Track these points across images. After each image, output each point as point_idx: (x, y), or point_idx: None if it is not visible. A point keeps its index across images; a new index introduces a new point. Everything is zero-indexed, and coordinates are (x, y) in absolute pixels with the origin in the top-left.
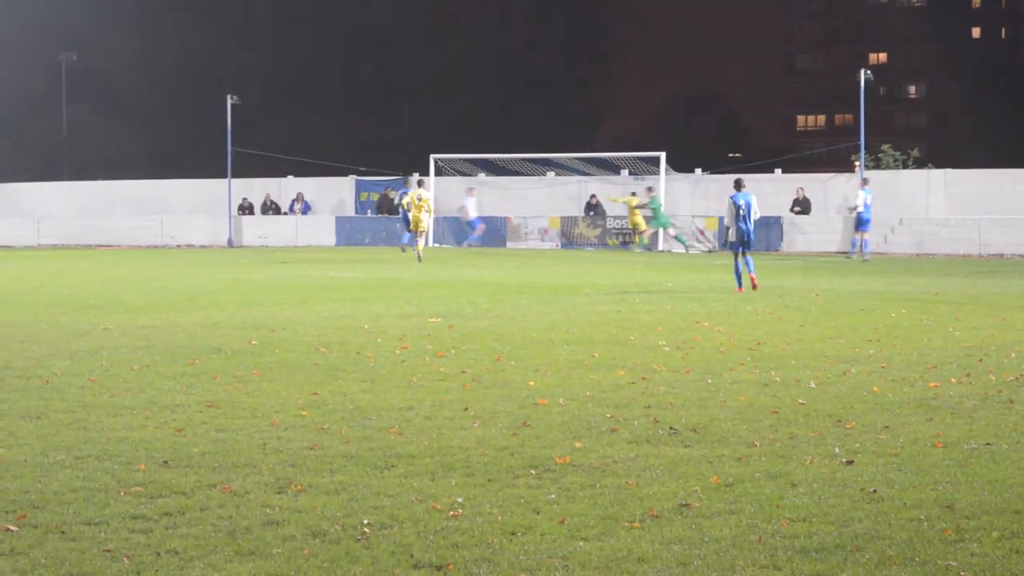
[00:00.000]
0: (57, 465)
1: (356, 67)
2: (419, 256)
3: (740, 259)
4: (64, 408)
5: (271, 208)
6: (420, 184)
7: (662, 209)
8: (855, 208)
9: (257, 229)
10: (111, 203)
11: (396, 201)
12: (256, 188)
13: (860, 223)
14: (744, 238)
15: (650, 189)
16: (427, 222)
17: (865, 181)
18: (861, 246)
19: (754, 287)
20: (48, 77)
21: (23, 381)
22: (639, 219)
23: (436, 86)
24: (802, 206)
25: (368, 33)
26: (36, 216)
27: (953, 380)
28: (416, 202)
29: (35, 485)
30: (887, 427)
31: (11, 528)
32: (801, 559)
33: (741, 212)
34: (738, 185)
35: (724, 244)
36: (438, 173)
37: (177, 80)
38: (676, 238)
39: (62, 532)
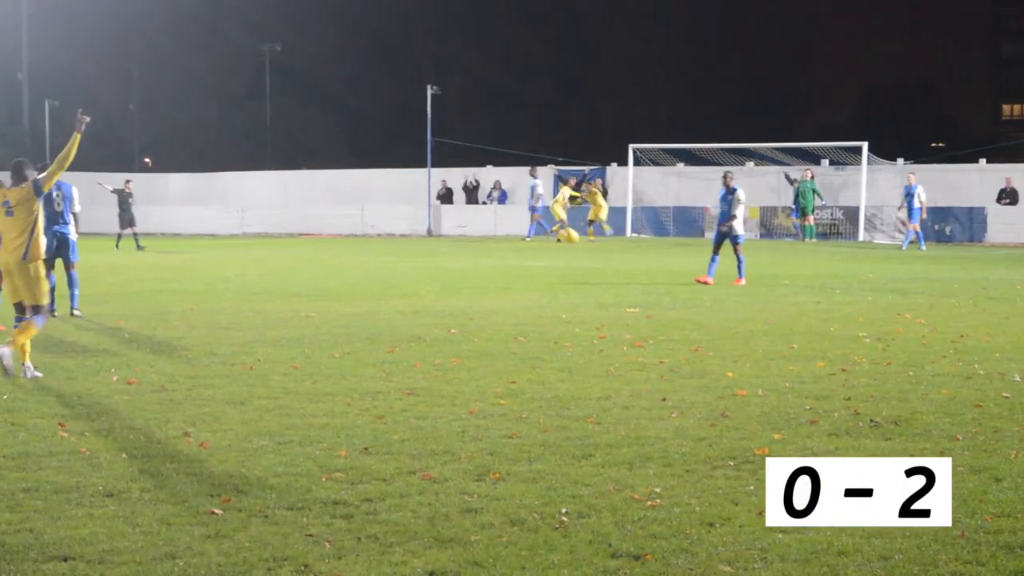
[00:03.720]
0: (260, 450)
1: (556, 57)
2: None
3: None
4: (267, 394)
5: (472, 187)
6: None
7: (812, 195)
8: (920, 203)
9: (456, 218)
10: (313, 192)
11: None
12: (455, 177)
13: (915, 215)
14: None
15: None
16: None
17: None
18: (917, 237)
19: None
20: (252, 69)
21: (227, 367)
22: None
23: (636, 75)
24: (1011, 197)
25: (567, 22)
26: (240, 205)
27: None
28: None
29: (239, 470)
30: None
31: (216, 512)
32: (1005, 555)
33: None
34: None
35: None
36: (636, 163)
37: (378, 70)
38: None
39: (265, 516)
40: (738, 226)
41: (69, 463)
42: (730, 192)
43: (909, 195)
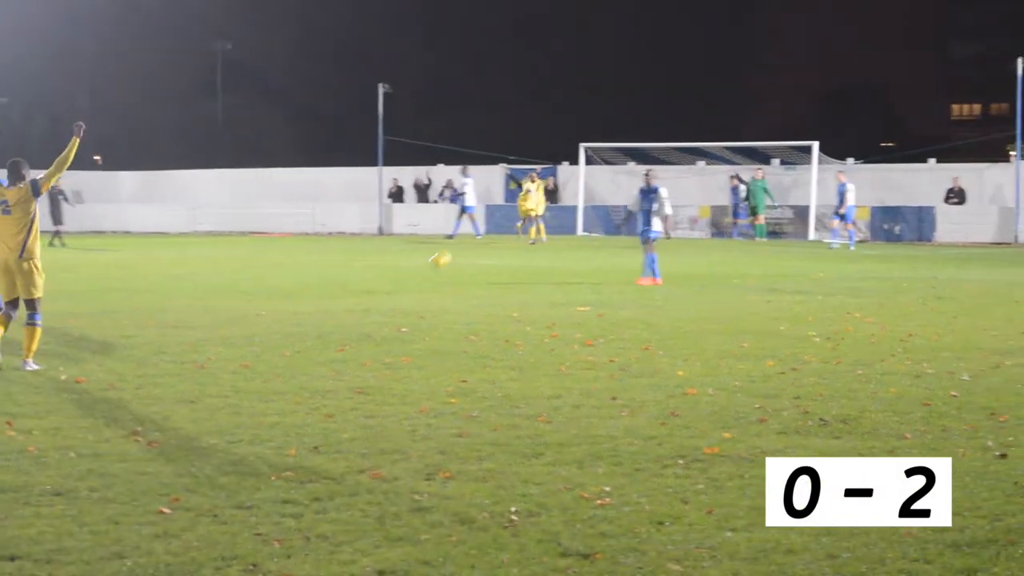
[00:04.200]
0: (210, 449)
1: (508, 56)
2: None
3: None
4: (217, 393)
5: (424, 186)
6: None
7: (763, 195)
8: (845, 202)
9: (407, 217)
10: (264, 190)
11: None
12: (407, 176)
13: (846, 215)
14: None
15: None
16: None
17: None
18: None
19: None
20: (204, 66)
21: (178, 366)
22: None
23: (588, 74)
24: (958, 196)
25: (520, 21)
26: (191, 203)
27: None
28: None
29: (188, 469)
30: None
31: (165, 511)
32: (952, 553)
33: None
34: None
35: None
36: (588, 162)
37: (330, 68)
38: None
39: (214, 515)
40: (656, 224)
41: (17, 462)
42: (652, 191)
43: (841, 194)
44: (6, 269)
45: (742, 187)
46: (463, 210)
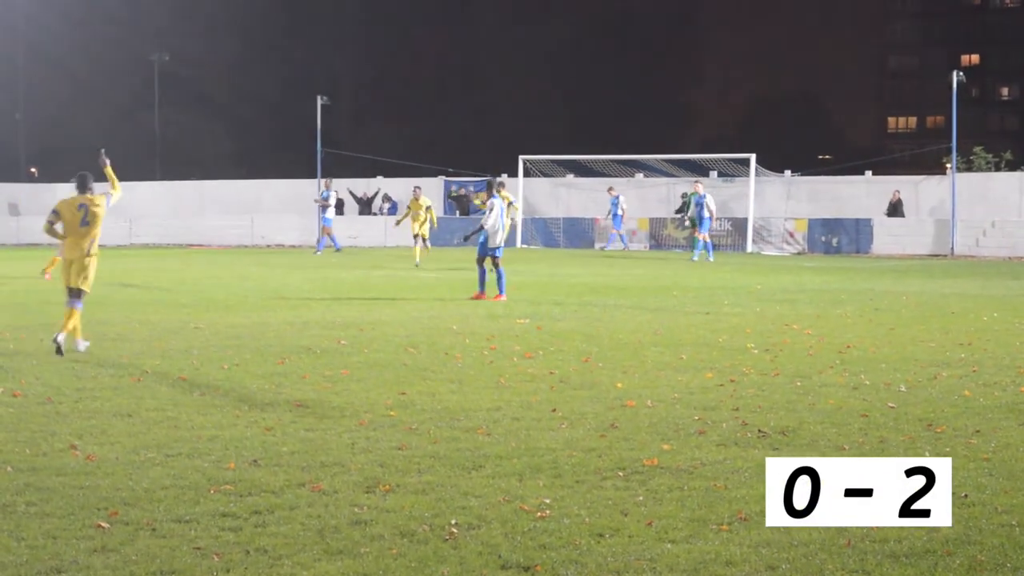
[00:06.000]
0: (148, 463)
1: (446, 68)
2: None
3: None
4: (155, 406)
5: (367, 199)
6: None
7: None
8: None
9: (347, 229)
10: (202, 203)
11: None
12: (345, 189)
13: (702, 223)
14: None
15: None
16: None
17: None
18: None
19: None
20: (141, 78)
21: (115, 379)
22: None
23: (526, 87)
24: (893, 209)
25: (459, 34)
26: (129, 215)
27: None
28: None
29: (126, 482)
30: (978, 431)
31: (103, 525)
32: (891, 564)
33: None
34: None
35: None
36: (526, 174)
37: (268, 81)
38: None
39: (153, 529)
40: (494, 238)
41: None
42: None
43: (699, 205)
44: (70, 262)
45: (622, 198)
46: (325, 223)
